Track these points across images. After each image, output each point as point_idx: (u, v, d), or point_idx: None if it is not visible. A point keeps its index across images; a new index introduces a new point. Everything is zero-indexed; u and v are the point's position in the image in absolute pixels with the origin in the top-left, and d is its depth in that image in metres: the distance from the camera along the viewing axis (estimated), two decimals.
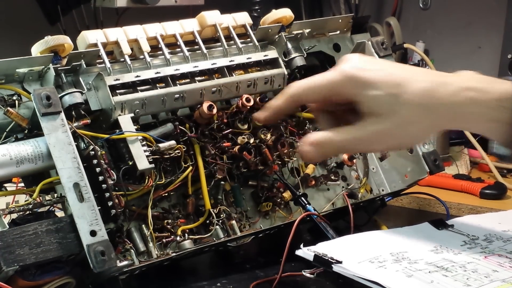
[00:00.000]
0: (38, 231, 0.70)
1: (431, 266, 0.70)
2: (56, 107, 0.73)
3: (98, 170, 0.75)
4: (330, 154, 0.79)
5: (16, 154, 0.72)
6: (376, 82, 0.71)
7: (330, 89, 0.74)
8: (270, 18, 0.94)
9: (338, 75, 0.73)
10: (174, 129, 0.83)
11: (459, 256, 0.73)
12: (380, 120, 0.72)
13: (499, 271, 0.69)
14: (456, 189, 1.18)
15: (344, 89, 0.73)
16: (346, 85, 0.73)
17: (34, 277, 0.70)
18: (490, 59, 1.59)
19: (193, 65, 0.86)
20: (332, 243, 0.76)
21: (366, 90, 0.71)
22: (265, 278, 0.78)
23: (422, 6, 1.74)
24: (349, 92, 0.73)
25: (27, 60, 0.76)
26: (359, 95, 0.72)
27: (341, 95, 0.74)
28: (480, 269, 0.69)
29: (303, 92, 0.77)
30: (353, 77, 0.72)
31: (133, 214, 0.80)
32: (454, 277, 0.67)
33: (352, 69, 0.73)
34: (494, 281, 0.67)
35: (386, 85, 0.71)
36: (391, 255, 0.72)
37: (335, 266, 0.69)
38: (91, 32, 0.83)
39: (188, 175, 0.84)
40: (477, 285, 0.66)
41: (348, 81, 0.73)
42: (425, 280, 0.66)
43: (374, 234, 0.81)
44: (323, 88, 0.75)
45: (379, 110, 0.71)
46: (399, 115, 0.71)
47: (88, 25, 1.59)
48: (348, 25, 1.01)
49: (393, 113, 0.71)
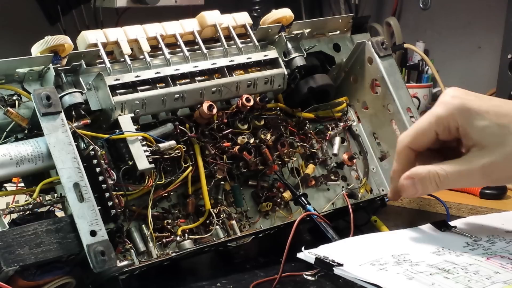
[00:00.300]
0: (38, 231, 0.70)
1: (433, 268, 0.70)
2: (56, 107, 0.73)
3: (98, 170, 0.75)
4: (433, 190, 0.74)
5: (16, 154, 0.72)
6: (484, 112, 0.70)
7: (439, 125, 0.72)
8: (270, 18, 0.94)
9: (445, 109, 0.71)
10: (174, 129, 0.83)
11: (461, 258, 0.73)
12: (488, 152, 0.70)
13: (501, 272, 0.69)
14: (456, 189, 1.18)
15: (453, 121, 0.71)
16: (455, 117, 0.70)
17: (34, 277, 0.70)
18: (490, 59, 1.60)
19: (193, 65, 0.86)
20: (333, 246, 0.76)
21: (475, 121, 0.70)
22: (265, 278, 0.78)
23: (422, 6, 1.75)
24: (457, 123, 0.70)
25: (27, 60, 0.76)
26: (468, 125, 0.70)
27: (449, 128, 0.71)
28: (482, 271, 0.69)
29: (413, 140, 0.74)
30: (463, 107, 0.70)
31: (133, 214, 0.80)
32: (455, 279, 0.67)
33: (458, 99, 0.71)
34: (495, 283, 0.66)
35: (495, 115, 0.69)
36: (393, 257, 0.72)
37: (336, 269, 0.69)
38: (91, 32, 0.83)
39: (188, 175, 0.84)
40: (478, 287, 0.66)
41: (457, 112, 0.70)
42: (426, 283, 0.66)
43: (376, 236, 0.81)
44: (432, 127, 0.72)
45: (488, 141, 0.70)
46: (509, 146, 0.69)
47: (88, 25, 1.59)
48: (348, 25, 1.01)
49: (502, 144, 0.69)
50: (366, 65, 0.97)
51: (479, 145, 0.70)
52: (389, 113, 0.96)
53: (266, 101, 0.90)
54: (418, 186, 0.73)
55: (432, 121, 0.72)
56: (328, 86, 0.97)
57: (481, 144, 0.70)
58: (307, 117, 0.96)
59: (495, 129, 0.69)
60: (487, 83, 1.58)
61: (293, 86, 0.94)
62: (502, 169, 0.70)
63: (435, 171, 0.71)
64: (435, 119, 0.72)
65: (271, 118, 0.91)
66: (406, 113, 0.94)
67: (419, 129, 0.73)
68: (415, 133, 0.74)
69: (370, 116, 0.99)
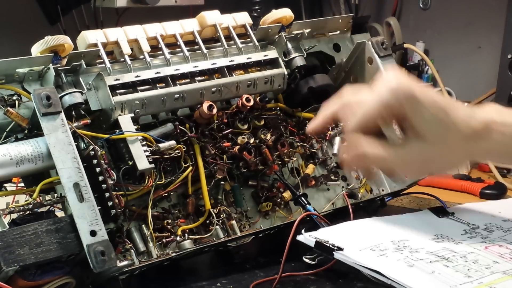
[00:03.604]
0: (38, 231, 0.70)
1: (432, 255, 0.70)
2: (56, 107, 0.73)
3: (98, 170, 0.75)
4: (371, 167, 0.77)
5: (16, 154, 0.72)
6: (430, 105, 0.71)
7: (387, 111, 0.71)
8: (270, 18, 0.94)
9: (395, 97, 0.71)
10: (174, 129, 0.83)
11: (460, 246, 0.73)
12: (429, 145, 0.71)
13: (500, 262, 0.69)
14: (456, 189, 1.18)
15: (401, 110, 0.71)
16: (404, 106, 0.70)
17: (34, 277, 0.70)
18: (490, 59, 1.59)
19: (193, 65, 0.86)
20: (333, 229, 0.76)
21: (422, 113, 0.70)
22: (265, 278, 0.78)
23: (422, 6, 1.74)
24: (404, 113, 0.71)
25: (27, 60, 0.76)
26: (415, 116, 0.71)
27: (395, 116, 0.72)
28: (481, 260, 0.69)
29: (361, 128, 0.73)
30: (411, 98, 0.70)
31: (133, 214, 0.80)
32: (455, 267, 0.67)
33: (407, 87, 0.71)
34: (495, 272, 0.67)
35: (438, 109, 0.71)
36: (392, 243, 0.72)
37: (336, 253, 0.69)
38: (91, 32, 0.83)
39: (188, 175, 0.84)
40: (478, 276, 0.66)
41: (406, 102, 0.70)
42: (426, 271, 0.66)
43: (375, 220, 0.81)
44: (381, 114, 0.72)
45: (430, 134, 0.71)
46: (445, 142, 0.71)
47: (88, 25, 1.59)
48: (348, 25, 1.01)
49: (442, 139, 0.71)
50: (366, 65, 0.97)
51: (422, 136, 0.71)
52: None
53: (266, 101, 0.90)
54: (361, 162, 0.74)
55: (381, 109, 0.71)
56: (328, 86, 0.97)
57: (424, 136, 0.71)
58: (307, 117, 0.96)
59: (436, 125, 0.71)
60: (487, 83, 1.58)
61: (293, 86, 0.94)
62: (439, 161, 0.73)
63: (381, 155, 0.73)
64: (384, 107, 0.71)
65: (271, 118, 0.91)
66: None
67: (367, 116, 0.72)
68: (363, 121, 0.73)
69: None
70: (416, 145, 0.72)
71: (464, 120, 0.71)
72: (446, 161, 0.74)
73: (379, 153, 0.73)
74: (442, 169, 0.79)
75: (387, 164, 0.74)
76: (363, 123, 0.73)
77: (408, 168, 0.75)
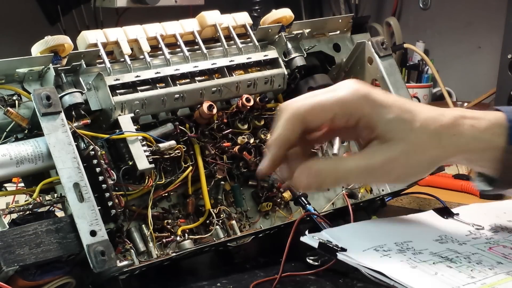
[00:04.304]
0: (38, 231, 0.70)
1: (436, 256, 0.70)
2: (56, 107, 0.73)
3: (98, 170, 0.75)
4: (330, 185, 0.72)
5: (16, 154, 0.72)
6: (390, 105, 0.67)
7: (341, 107, 0.67)
8: (270, 18, 0.94)
9: (352, 95, 0.67)
10: (174, 129, 0.83)
11: (464, 247, 0.73)
12: (389, 147, 0.67)
13: (504, 263, 0.69)
14: (456, 189, 1.18)
15: (357, 109, 0.67)
16: (362, 105, 0.67)
17: (34, 277, 0.70)
18: (490, 59, 1.60)
19: (193, 65, 0.86)
20: (337, 230, 0.76)
21: (381, 112, 0.67)
22: (265, 278, 0.78)
23: (422, 6, 1.75)
24: (364, 112, 0.67)
25: (27, 60, 0.76)
26: (374, 116, 0.67)
27: (350, 116, 0.67)
28: (485, 261, 0.69)
29: (310, 111, 0.68)
30: (370, 97, 0.67)
31: (133, 214, 0.80)
32: (458, 268, 0.67)
33: (364, 89, 0.67)
34: (498, 273, 0.67)
35: (399, 109, 0.67)
36: (396, 244, 0.72)
37: (339, 254, 0.69)
38: (91, 32, 0.83)
39: (188, 175, 0.84)
40: (481, 277, 0.66)
41: (364, 100, 0.67)
42: (429, 272, 0.66)
43: (379, 221, 0.81)
44: (334, 106, 0.67)
45: (391, 135, 0.67)
46: (409, 142, 0.67)
47: (88, 25, 1.60)
48: (348, 25, 1.01)
49: (403, 140, 0.67)
50: (366, 65, 0.97)
51: (382, 138, 0.67)
52: None
53: (266, 101, 0.90)
54: (314, 179, 0.68)
55: (336, 101, 0.67)
56: (328, 86, 0.97)
57: (384, 137, 0.67)
58: None
59: (399, 123, 0.67)
60: (487, 83, 1.58)
61: (293, 86, 0.94)
62: (402, 165, 0.68)
63: (336, 166, 0.69)
64: (340, 101, 0.67)
65: (271, 118, 0.91)
66: None
67: (320, 102, 0.68)
68: (315, 105, 0.68)
69: None
70: (378, 148, 0.67)
71: (431, 116, 0.68)
72: (414, 162, 0.68)
73: (336, 166, 0.68)
74: (411, 174, 0.71)
75: (348, 176, 0.69)
76: (314, 108, 0.67)
77: (372, 175, 0.70)
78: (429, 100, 1.64)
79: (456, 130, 0.68)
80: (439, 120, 0.68)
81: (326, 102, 0.68)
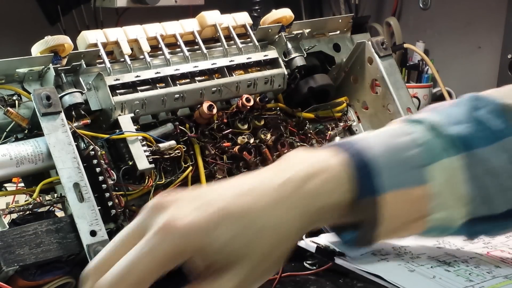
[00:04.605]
0: (38, 231, 0.70)
1: (434, 261, 0.70)
2: (56, 107, 0.73)
3: (98, 170, 0.75)
4: None
5: (16, 154, 0.72)
6: (215, 225, 0.50)
7: (170, 263, 0.51)
8: (270, 18, 0.94)
9: (173, 245, 0.50)
10: (174, 129, 0.83)
11: (462, 251, 0.73)
12: (230, 273, 0.51)
13: (502, 267, 0.69)
14: None
15: (183, 256, 0.51)
16: (187, 250, 0.50)
17: (34, 277, 0.70)
18: (490, 59, 1.60)
19: (193, 65, 0.86)
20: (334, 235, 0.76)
21: (210, 243, 0.50)
22: None
23: (422, 6, 1.75)
24: (189, 255, 0.51)
25: (27, 60, 0.76)
26: (203, 254, 0.51)
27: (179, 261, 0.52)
28: (483, 265, 0.69)
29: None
30: (194, 238, 0.50)
31: (133, 214, 0.80)
32: (456, 272, 0.67)
33: (182, 226, 0.49)
34: (496, 277, 0.67)
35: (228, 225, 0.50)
36: (393, 249, 0.72)
37: (337, 259, 0.69)
38: (91, 32, 0.83)
39: (188, 175, 0.84)
40: (479, 281, 0.66)
41: (189, 244, 0.50)
42: (427, 276, 0.66)
43: None
44: (162, 268, 0.51)
45: (229, 259, 0.51)
46: (249, 255, 0.51)
47: (88, 25, 1.59)
48: (348, 25, 1.01)
49: (241, 258, 0.51)
50: (366, 65, 0.97)
51: (219, 268, 0.51)
52: (389, 113, 0.96)
53: (266, 101, 0.90)
54: None
55: (162, 262, 0.51)
56: (328, 86, 0.97)
57: (221, 266, 0.51)
58: (307, 117, 0.96)
59: (237, 240, 0.51)
60: (487, 83, 1.58)
61: (293, 86, 0.94)
62: (256, 283, 0.53)
63: None
64: (166, 260, 0.51)
65: (271, 118, 0.91)
66: (406, 113, 0.94)
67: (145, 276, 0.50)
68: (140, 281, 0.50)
69: (370, 116, 0.99)
70: (214, 281, 0.51)
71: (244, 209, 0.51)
72: (263, 271, 0.53)
73: None
74: (264, 278, 0.54)
75: None
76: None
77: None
78: (429, 100, 1.64)
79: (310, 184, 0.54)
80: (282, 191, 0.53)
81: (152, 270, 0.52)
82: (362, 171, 0.56)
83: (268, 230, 0.52)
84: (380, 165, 0.56)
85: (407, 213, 0.58)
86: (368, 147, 0.57)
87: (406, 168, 0.57)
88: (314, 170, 0.55)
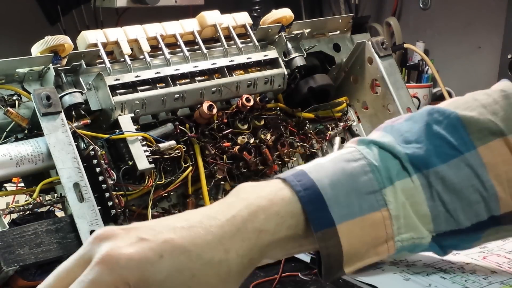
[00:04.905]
0: (38, 231, 0.70)
1: (429, 268, 0.70)
2: (56, 107, 0.73)
3: (98, 170, 0.75)
4: None
5: (16, 154, 0.72)
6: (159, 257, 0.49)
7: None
8: (270, 18, 0.94)
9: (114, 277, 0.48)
10: (174, 129, 0.83)
11: (457, 257, 0.73)
12: None
13: (498, 272, 0.69)
14: None
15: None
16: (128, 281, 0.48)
17: (34, 277, 0.70)
18: (490, 59, 1.59)
19: (193, 65, 0.86)
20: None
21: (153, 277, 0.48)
22: (265, 278, 0.78)
23: (422, 6, 1.74)
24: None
25: (27, 60, 0.76)
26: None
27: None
28: (479, 270, 0.69)
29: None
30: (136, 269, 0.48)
31: (133, 214, 0.80)
32: (452, 279, 0.67)
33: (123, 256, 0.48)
34: (492, 283, 0.67)
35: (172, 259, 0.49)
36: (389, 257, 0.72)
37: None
38: (91, 32, 0.83)
39: (188, 175, 0.84)
40: (475, 287, 0.66)
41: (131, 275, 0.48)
42: (423, 284, 0.66)
43: None
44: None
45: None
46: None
47: (88, 25, 1.59)
48: (348, 25, 1.01)
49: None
50: (366, 65, 0.97)
51: None
52: (389, 113, 0.95)
53: (266, 101, 0.90)
54: None
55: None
56: (328, 86, 0.97)
57: None
58: (307, 117, 0.96)
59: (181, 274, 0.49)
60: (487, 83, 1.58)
61: (293, 86, 0.94)
62: None
63: None
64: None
65: (271, 118, 0.91)
66: (406, 113, 0.94)
67: None
68: None
69: (370, 116, 0.99)
70: None
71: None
72: None
73: None
74: None
75: None
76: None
77: None
78: (429, 100, 1.64)
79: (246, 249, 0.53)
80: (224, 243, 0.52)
81: None
82: (312, 205, 0.55)
83: (213, 265, 0.51)
84: (329, 197, 0.56)
85: (371, 238, 0.57)
86: (317, 179, 0.56)
87: (360, 195, 0.57)
88: (261, 206, 0.54)
